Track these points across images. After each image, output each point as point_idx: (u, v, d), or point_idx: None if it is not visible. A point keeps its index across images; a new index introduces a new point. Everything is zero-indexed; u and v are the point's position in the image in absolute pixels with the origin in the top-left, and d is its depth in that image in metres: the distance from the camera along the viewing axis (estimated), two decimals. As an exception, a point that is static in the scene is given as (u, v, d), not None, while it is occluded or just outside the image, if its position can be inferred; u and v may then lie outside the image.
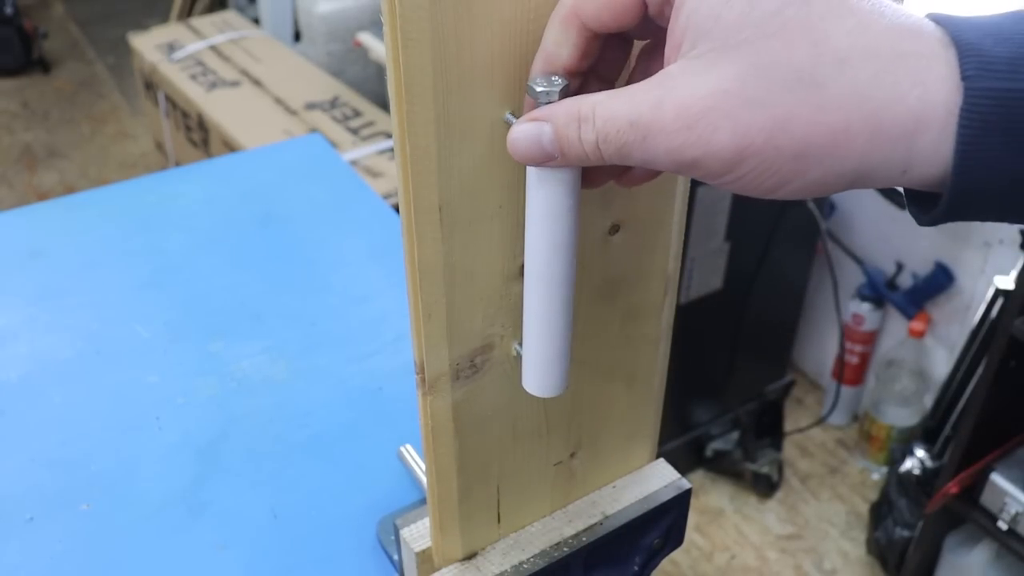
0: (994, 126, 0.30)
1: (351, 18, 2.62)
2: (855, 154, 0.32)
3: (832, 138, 0.31)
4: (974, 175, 0.31)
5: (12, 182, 3.10)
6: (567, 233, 0.41)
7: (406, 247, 0.43)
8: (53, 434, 0.78)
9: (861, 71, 0.31)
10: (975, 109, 0.30)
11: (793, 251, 1.98)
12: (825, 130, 0.31)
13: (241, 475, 0.74)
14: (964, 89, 0.30)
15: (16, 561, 0.68)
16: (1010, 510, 1.52)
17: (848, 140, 0.31)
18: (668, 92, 0.33)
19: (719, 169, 0.33)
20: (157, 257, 0.98)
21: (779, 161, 0.32)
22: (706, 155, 0.33)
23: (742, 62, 0.32)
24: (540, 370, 0.45)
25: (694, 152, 0.33)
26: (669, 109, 0.33)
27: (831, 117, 0.31)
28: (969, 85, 0.30)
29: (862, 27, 0.32)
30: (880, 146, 0.31)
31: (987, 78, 0.30)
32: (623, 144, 0.34)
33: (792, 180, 0.33)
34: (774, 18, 0.32)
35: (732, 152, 0.32)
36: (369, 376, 0.83)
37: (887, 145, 0.31)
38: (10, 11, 3.52)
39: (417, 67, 0.38)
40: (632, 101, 0.34)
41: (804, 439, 2.16)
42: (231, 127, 2.24)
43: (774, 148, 0.32)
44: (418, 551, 0.57)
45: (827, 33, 0.31)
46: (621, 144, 0.34)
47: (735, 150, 0.32)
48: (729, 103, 0.32)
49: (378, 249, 1.00)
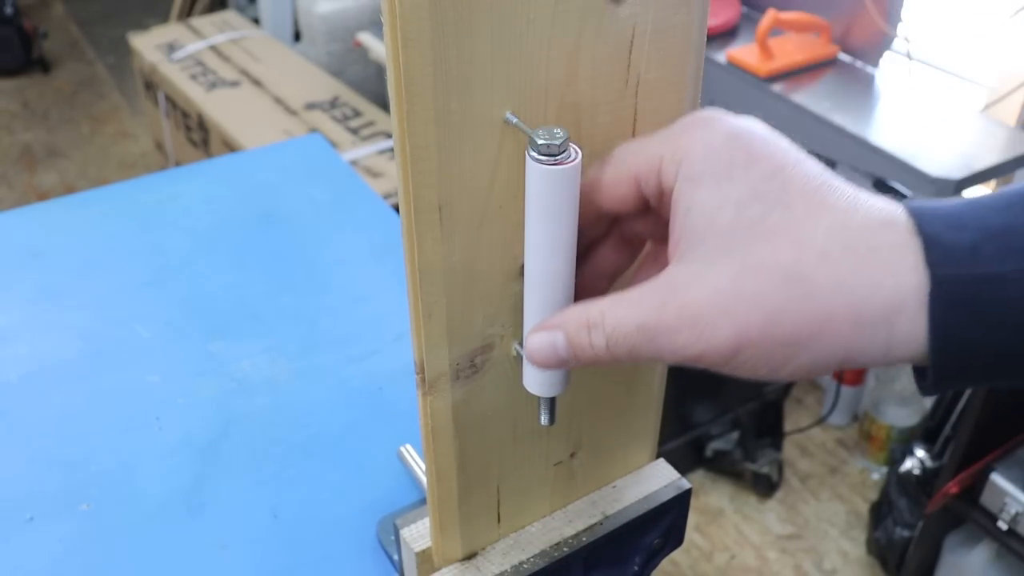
0: (962, 308, 0.33)
1: (351, 18, 2.62)
2: (840, 340, 0.35)
3: (819, 327, 0.35)
4: (952, 352, 0.34)
5: (12, 182, 3.10)
6: (567, 233, 0.41)
7: (406, 247, 0.43)
8: (53, 434, 0.78)
9: (840, 265, 0.35)
10: (942, 294, 0.33)
11: (793, 251, 1.98)
12: (812, 320, 0.35)
13: (241, 475, 0.74)
14: (930, 276, 0.34)
15: (16, 561, 0.68)
16: (1010, 510, 1.52)
17: (833, 328, 0.35)
18: (671, 294, 0.37)
19: (720, 360, 0.36)
20: (157, 257, 0.98)
21: (773, 349, 0.36)
22: (708, 350, 0.36)
23: (735, 264, 0.36)
24: (540, 369, 0.45)
25: (697, 348, 0.36)
26: (672, 311, 0.37)
27: (816, 308, 0.35)
28: (934, 272, 0.34)
29: (839, 224, 0.35)
30: (862, 332, 0.35)
31: (949, 266, 0.33)
32: (632, 346, 0.38)
33: (785, 365, 0.36)
34: (761, 222, 0.36)
35: (731, 346, 0.36)
36: (369, 376, 0.83)
37: (868, 330, 0.35)
38: (10, 11, 3.52)
39: (417, 67, 0.38)
40: (639, 306, 0.38)
41: (804, 439, 2.16)
42: (231, 127, 2.24)
43: (768, 339, 0.35)
44: (418, 551, 0.57)
45: (808, 232, 0.35)
46: (631, 347, 0.38)
47: (734, 343, 0.36)
48: (726, 302, 0.36)
49: (378, 249, 1.00)
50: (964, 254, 0.33)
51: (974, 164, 1.47)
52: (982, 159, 1.49)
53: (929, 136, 1.56)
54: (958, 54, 1.87)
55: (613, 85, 0.43)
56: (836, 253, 0.35)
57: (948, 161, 1.48)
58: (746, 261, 0.36)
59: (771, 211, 0.36)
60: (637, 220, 0.43)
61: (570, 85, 0.42)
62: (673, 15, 0.43)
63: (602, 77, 0.43)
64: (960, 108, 1.64)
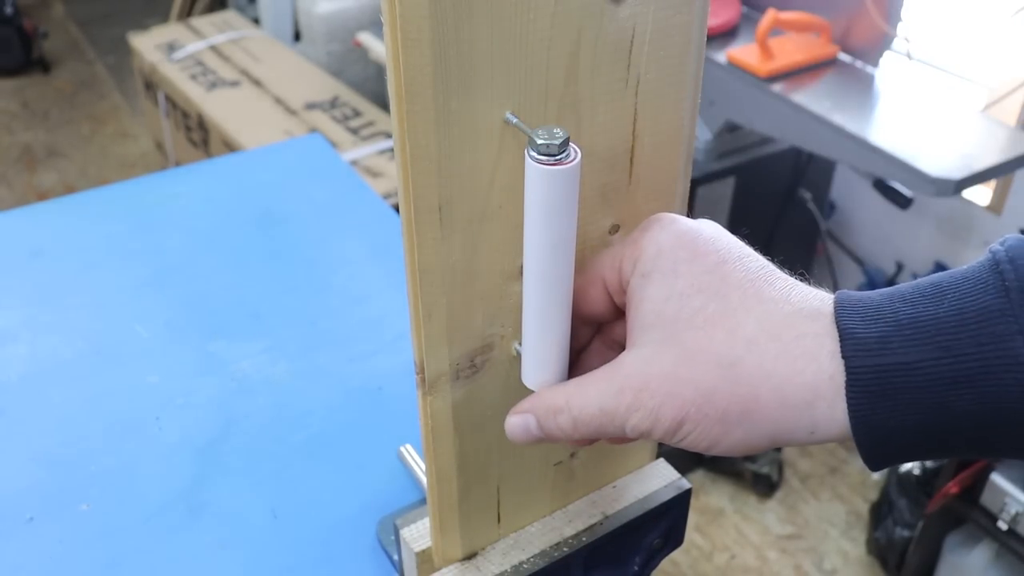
0: (875, 394, 0.36)
1: (351, 18, 2.62)
2: (768, 419, 0.39)
3: (746, 406, 0.39)
4: (873, 435, 0.37)
5: (12, 182, 3.10)
6: (567, 233, 0.41)
7: (406, 247, 0.43)
8: (53, 434, 0.78)
9: (766, 351, 0.38)
10: (856, 382, 0.36)
11: (793, 251, 1.98)
12: (741, 400, 0.39)
13: (241, 475, 0.74)
14: (845, 367, 0.37)
15: (16, 561, 0.68)
16: (1010, 510, 1.52)
17: (760, 408, 0.39)
18: (625, 380, 0.41)
19: (666, 435, 0.41)
20: (157, 257, 0.98)
21: (709, 426, 0.40)
22: (655, 425, 0.40)
23: (676, 349, 0.40)
24: (540, 367, 0.45)
25: (647, 424, 0.40)
26: (628, 396, 0.41)
27: (743, 390, 0.39)
28: (848, 363, 0.37)
29: (768, 313, 0.39)
30: (787, 413, 0.38)
31: (861, 356, 0.37)
32: (598, 427, 0.42)
33: (721, 440, 0.40)
34: (699, 313, 0.40)
35: (673, 421, 0.40)
36: (369, 376, 0.83)
37: (793, 412, 0.38)
38: (10, 11, 3.52)
39: (417, 67, 0.38)
40: (599, 391, 0.42)
41: (804, 439, 2.16)
42: (231, 127, 2.24)
43: (704, 417, 0.39)
44: (418, 551, 0.57)
45: (739, 321, 0.39)
46: (596, 427, 0.42)
47: (675, 420, 0.40)
48: (669, 384, 0.40)
49: (378, 249, 1.00)
50: (874, 345, 0.36)
51: (974, 164, 1.47)
52: (982, 159, 1.49)
53: (929, 136, 1.56)
54: (958, 54, 1.87)
55: (613, 85, 0.43)
56: (763, 340, 0.38)
57: (948, 161, 1.48)
58: (686, 347, 0.40)
59: (709, 302, 0.40)
60: (616, 326, 0.47)
61: (570, 85, 0.42)
62: (673, 15, 0.43)
63: (602, 77, 0.43)
64: (960, 108, 1.64)
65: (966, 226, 1.84)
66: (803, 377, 0.38)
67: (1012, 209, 1.76)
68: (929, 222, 1.90)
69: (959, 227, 1.85)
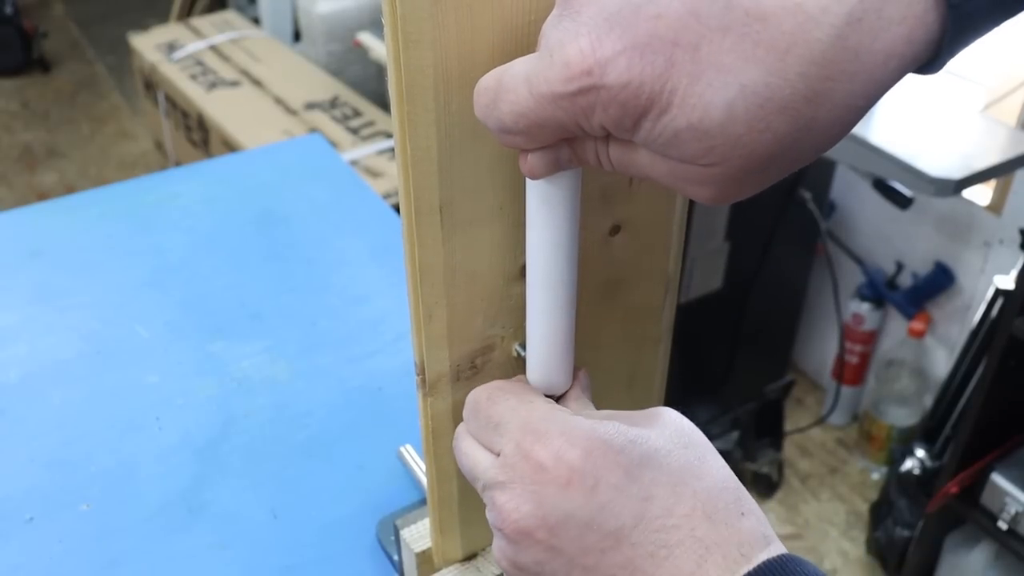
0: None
1: (351, 18, 2.62)
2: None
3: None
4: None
5: (12, 182, 3.10)
6: (568, 233, 0.41)
7: (406, 248, 0.43)
8: (53, 434, 0.78)
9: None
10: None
11: (793, 251, 1.98)
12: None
13: (241, 475, 0.74)
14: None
15: (16, 561, 0.68)
16: (1010, 510, 1.52)
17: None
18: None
19: (632, 110, 0.33)
20: (157, 257, 0.98)
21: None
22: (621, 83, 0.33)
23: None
24: (544, 367, 0.45)
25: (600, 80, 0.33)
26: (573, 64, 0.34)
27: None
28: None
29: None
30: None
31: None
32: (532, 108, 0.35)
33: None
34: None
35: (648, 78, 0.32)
36: (369, 376, 0.83)
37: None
38: (10, 11, 3.52)
39: (417, 67, 0.38)
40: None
41: (804, 439, 2.16)
42: (231, 127, 2.24)
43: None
44: (418, 552, 0.57)
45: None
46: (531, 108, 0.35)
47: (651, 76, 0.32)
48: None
49: (378, 249, 1.00)
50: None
51: (974, 164, 1.47)
52: (982, 159, 1.49)
53: (929, 136, 1.56)
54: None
55: (613, 85, 0.43)
56: None
57: (948, 161, 1.48)
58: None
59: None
60: None
61: (570, 85, 0.42)
62: (673, 15, 0.43)
63: (602, 77, 0.43)
64: (960, 108, 1.64)
65: (966, 226, 1.84)
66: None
67: (1012, 209, 1.75)
68: (929, 222, 1.90)
69: (959, 227, 1.85)
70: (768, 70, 0.31)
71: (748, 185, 0.34)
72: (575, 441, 0.39)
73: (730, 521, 0.38)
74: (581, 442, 0.39)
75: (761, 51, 0.31)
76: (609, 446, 0.39)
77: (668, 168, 0.34)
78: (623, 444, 0.39)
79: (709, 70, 0.31)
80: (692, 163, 0.33)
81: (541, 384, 0.46)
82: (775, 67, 0.31)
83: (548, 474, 0.39)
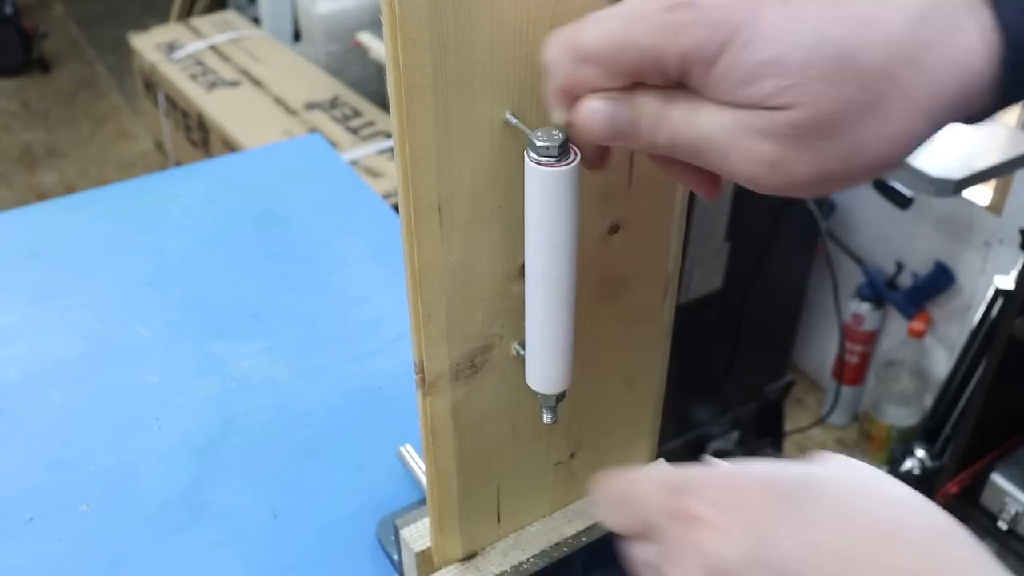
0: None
1: (351, 18, 2.62)
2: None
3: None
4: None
5: (12, 182, 3.09)
6: (567, 233, 0.41)
7: (406, 247, 0.43)
8: (53, 434, 0.78)
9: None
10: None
11: (793, 251, 1.98)
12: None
13: (241, 475, 0.74)
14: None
15: (16, 561, 0.68)
16: (1010, 510, 1.53)
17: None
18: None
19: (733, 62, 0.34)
20: (157, 257, 0.98)
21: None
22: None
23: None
24: (544, 367, 0.45)
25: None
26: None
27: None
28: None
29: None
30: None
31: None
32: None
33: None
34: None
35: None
36: (369, 376, 0.83)
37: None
38: (10, 11, 3.52)
39: (417, 67, 0.38)
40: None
41: (804, 439, 2.16)
42: (231, 127, 2.24)
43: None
44: (418, 551, 0.57)
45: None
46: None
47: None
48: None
49: (378, 249, 1.00)
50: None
51: (974, 164, 1.47)
52: (982, 159, 1.49)
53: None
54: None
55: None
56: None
57: (948, 161, 1.48)
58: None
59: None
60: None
61: (570, 85, 0.42)
62: (673, 15, 0.43)
63: (602, 77, 0.42)
64: (960, 108, 1.63)
65: (966, 226, 1.84)
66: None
67: (1012, 209, 1.75)
68: (929, 222, 1.90)
69: (959, 227, 1.85)
70: (851, 31, 0.33)
71: (806, 154, 0.34)
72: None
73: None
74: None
75: (846, 14, 0.33)
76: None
77: (732, 120, 0.34)
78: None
79: (797, 13, 0.33)
80: (762, 106, 0.33)
81: (540, 383, 0.46)
82: (857, 31, 0.33)
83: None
